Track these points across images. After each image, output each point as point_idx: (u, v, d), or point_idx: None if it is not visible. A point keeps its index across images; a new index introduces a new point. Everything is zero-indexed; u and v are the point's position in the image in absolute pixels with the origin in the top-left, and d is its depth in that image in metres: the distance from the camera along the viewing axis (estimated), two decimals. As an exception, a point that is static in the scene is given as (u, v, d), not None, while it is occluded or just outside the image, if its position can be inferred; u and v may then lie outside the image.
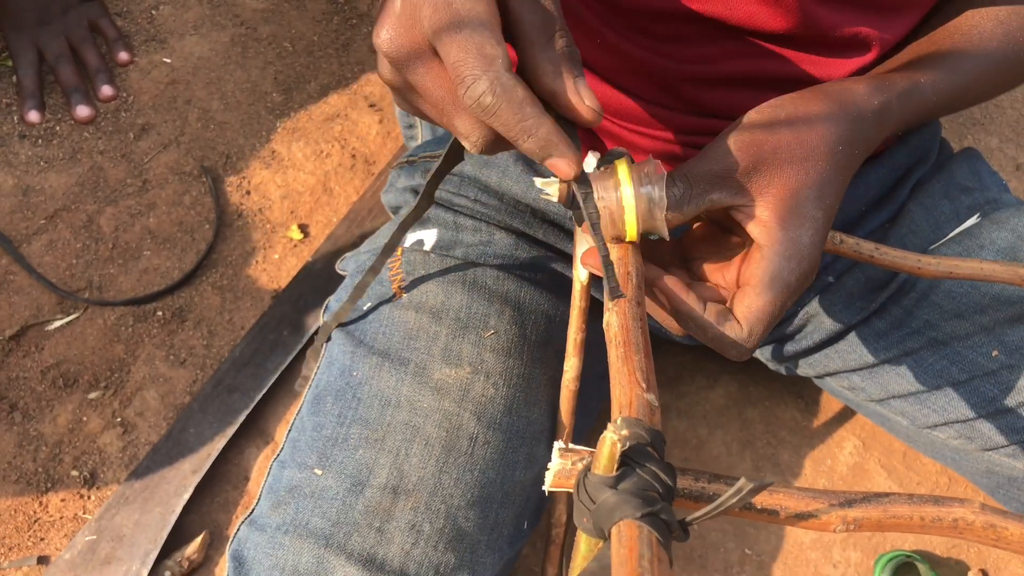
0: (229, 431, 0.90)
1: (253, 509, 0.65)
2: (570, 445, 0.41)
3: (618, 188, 0.48)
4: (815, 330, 0.78)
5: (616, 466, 0.36)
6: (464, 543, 0.62)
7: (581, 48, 0.59)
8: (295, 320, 0.98)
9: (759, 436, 0.97)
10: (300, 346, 0.96)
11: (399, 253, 0.72)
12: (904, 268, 0.62)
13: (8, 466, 0.88)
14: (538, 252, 0.74)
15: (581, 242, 0.58)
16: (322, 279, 1.01)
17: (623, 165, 0.49)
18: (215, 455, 0.89)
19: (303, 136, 1.12)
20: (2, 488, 0.87)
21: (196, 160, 1.08)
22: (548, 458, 0.42)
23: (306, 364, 0.73)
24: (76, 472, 0.88)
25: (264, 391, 0.93)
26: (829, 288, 0.76)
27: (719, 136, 0.52)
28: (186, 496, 0.86)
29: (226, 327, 0.98)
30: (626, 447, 0.35)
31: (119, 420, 0.92)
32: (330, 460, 0.63)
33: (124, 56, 1.12)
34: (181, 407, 0.93)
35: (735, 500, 0.34)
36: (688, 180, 0.50)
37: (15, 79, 1.09)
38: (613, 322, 0.45)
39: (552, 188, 0.52)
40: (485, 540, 0.63)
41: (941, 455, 0.81)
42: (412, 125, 0.88)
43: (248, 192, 1.07)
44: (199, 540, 0.85)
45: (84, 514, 0.86)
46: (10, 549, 0.84)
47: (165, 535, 0.84)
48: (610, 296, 0.47)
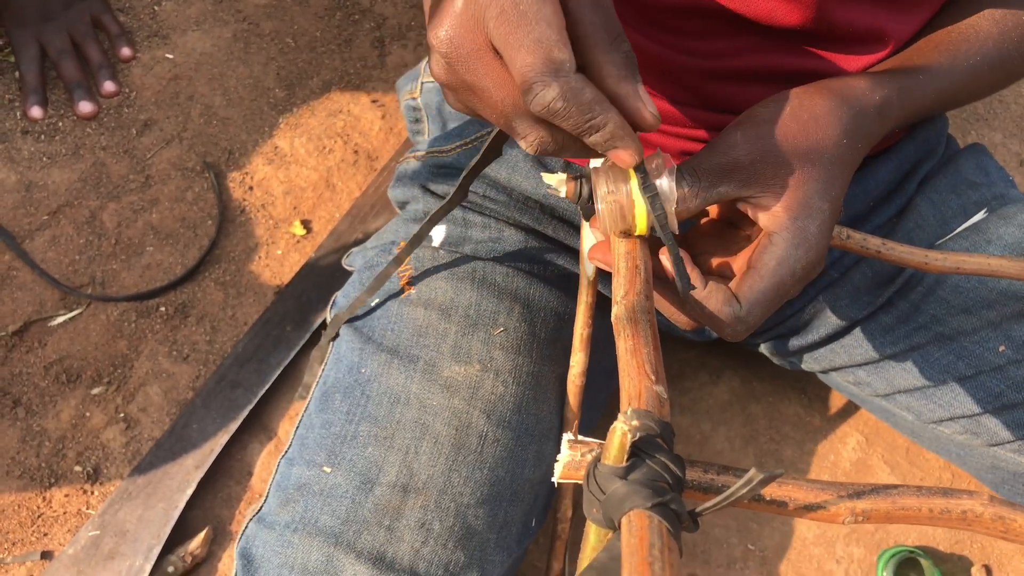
0: (232, 427, 0.90)
1: (261, 506, 0.65)
2: (579, 437, 0.41)
3: (627, 182, 0.48)
4: (821, 324, 0.78)
5: (626, 457, 0.36)
6: (473, 541, 0.62)
7: None
8: (298, 316, 0.98)
9: (762, 432, 0.97)
10: (303, 341, 0.96)
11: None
12: (911, 263, 0.62)
13: (11, 462, 0.87)
14: (547, 248, 0.74)
15: (588, 237, 0.57)
16: (325, 275, 1.01)
17: None
18: (218, 451, 0.89)
19: (305, 132, 1.12)
20: (6, 483, 0.86)
21: (199, 156, 1.08)
22: (556, 456, 0.42)
23: (309, 369, 0.73)
24: (79, 468, 0.88)
25: (267, 387, 0.93)
26: (835, 283, 0.76)
27: (726, 130, 0.52)
28: (189, 491, 0.86)
29: (229, 323, 0.98)
30: (636, 438, 0.35)
31: (122, 416, 0.91)
32: (339, 458, 0.63)
33: (126, 52, 1.12)
34: (184, 403, 0.92)
35: (746, 491, 0.34)
36: (696, 173, 0.50)
37: (18, 75, 1.08)
38: (622, 315, 0.45)
39: (560, 184, 0.52)
40: (494, 538, 0.63)
41: (946, 450, 0.81)
42: (419, 120, 0.88)
43: (251, 188, 1.07)
44: (202, 535, 0.85)
45: (87, 509, 0.86)
46: (14, 544, 0.84)
47: (168, 530, 0.84)
48: (680, 291, 0.47)
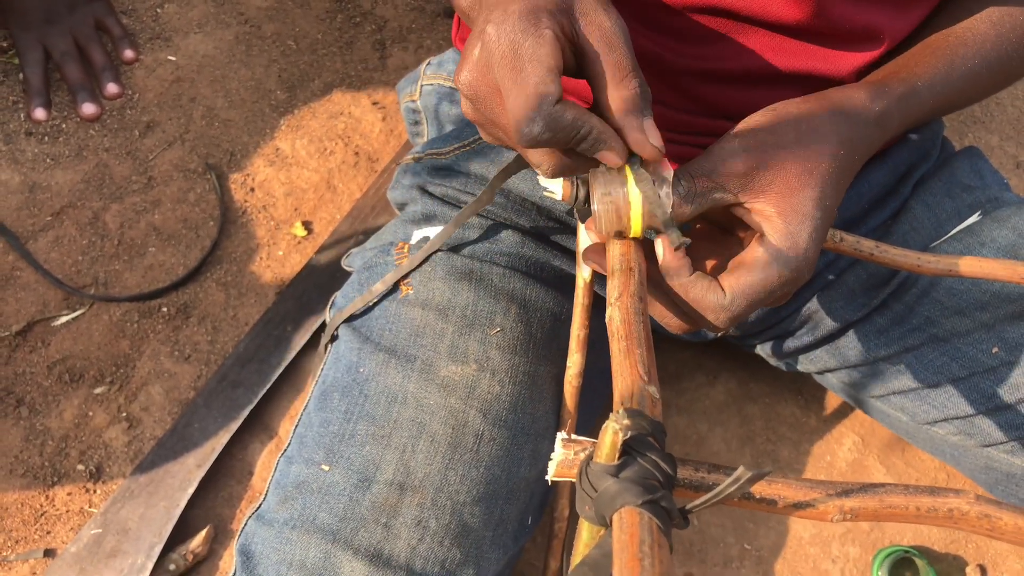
0: (233, 426, 0.91)
1: (260, 504, 0.66)
2: (573, 436, 0.41)
3: (624, 184, 0.48)
4: (816, 326, 0.79)
5: (618, 455, 0.36)
6: (469, 539, 0.62)
7: None
8: (299, 316, 0.98)
9: (759, 432, 0.98)
10: (304, 342, 0.97)
11: (405, 250, 0.72)
12: (904, 266, 0.62)
13: (15, 460, 0.88)
14: (544, 250, 0.74)
15: (584, 239, 0.58)
16: (326, 276, 1.01)
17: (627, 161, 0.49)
18: (219, 450, 0.89)
19: (307, 133, 1.12)
20: (9, 482, 0.87)
21: (201, 157, 1.08)
22: (552, 454, 0.42)
23: (319, 356, 0.74)
24: (82, 466, 0.89)
25: (268, 386, 0.93)
26: (830, 285, 0.77)
27: (723, 137, 0.52)
28: (190, 490, 0.87)
29: (230, 323, 0.99)
30: (627, 436, 0.36)
31: (124, 415, 0.92)
32: (337, 456, 0.63)
33: (130, 54, 1.13)
34: (186, 402, 0.93)
35: (734, 488, 0.34)
36: (692, 179, 0.50)
37: (22, 77, 1.09)
38: (616, 316, 0.46)
39: (556, 186, 0.53)
40: (490, 536, 0.64)
41: (940, 451, 0.82)
42: (418, 122, 0.89)
43: (252, 189, 1.08)
44: (203, 534, 0.85)
45: (90, 508, 0.87)
46: (17, 542, 0.85)
47: (170, 529, 0.84)
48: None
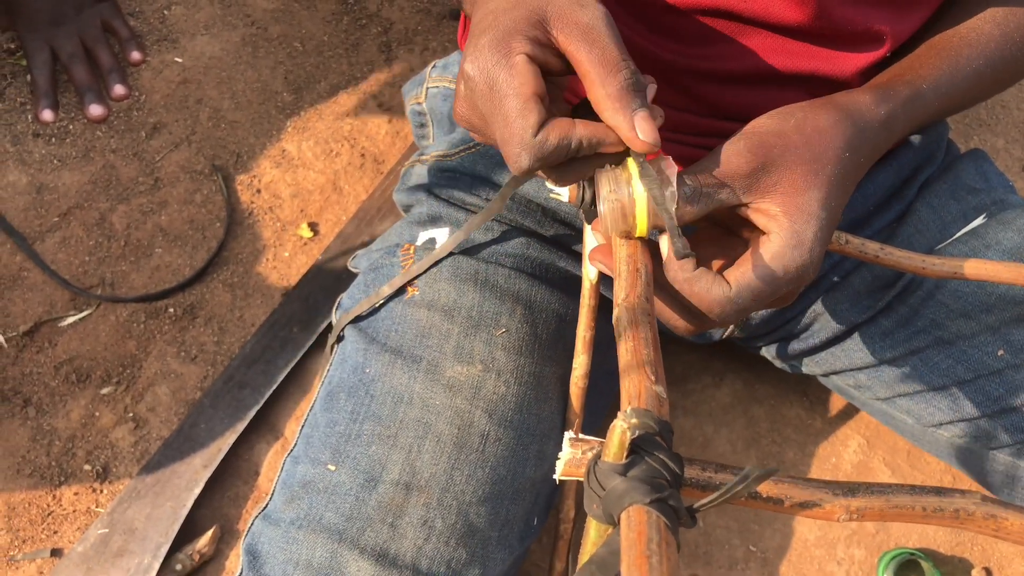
0: (239, 427, 0.91)
1: (267, 504, 0.66)
2: (580, 435, 0.42)
3: (629, 183, 0.48)
4: (822, 328, 0.79)
5: (625, 454, 0.37)
6: (475, 539, 0.63)
7: None
8: (305, 317, 0.99)
9: (764, 434, 0.98)
10: (310, 343, 0.97)
11: (411, 251, 0.72)
12: (909, 268, 0.62)
13: (22, 460, 0.89)
14: (549, 251, 0.75)
15: (590, 241, 0.58)
16: (332, 277, 1.02)
17: (633, 161, 0.49)
18: (225, 450, 0.90)
19: (313, 135, 1.13)
20: (16, 482, 0.88)
21: (207, 159, 1.09)
22: (558, 454, 0.43)
23: (325, 357, 0.75)
24: (89, 466, 0.89)
25: (274, 387, 0.94)
26: (836, 287, 0.77)
27: (729, 140, 0.52)
28: (197, 490, 0.87)
29: (236, 324, 0.99)
30: (635, 435, 0.36)
31: (131, 415, 0.93)
32: (343, 456, 0.64)
33: (136, 56, 1.13)
34: (192, 403, 0.94)
35: (741, 487, 0.34)
36: (698, 180, 0.50)
37: (29, 78, 1.10)
38: (623, 317, 0.46)
39: (562, 188, 0.53)
40: (496, 536, 0.64)
41: (946, 454, 0.82)
42: (424, 124, 0.89)
43: (258, 191, 1.08)
44: (210, 534, 0.86)
45: (96, 507, 0.87)
46: (24, 542, 0.85)
47: (176, 529, 0.85)
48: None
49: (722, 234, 0.56)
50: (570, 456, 0.41)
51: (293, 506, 0.63)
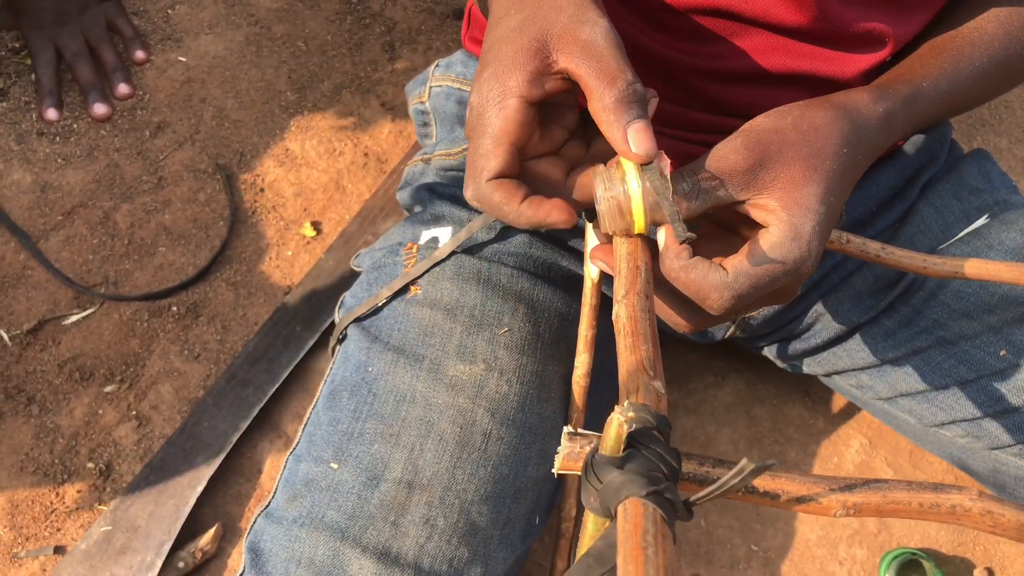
0: (242, 425, 0.91)
1: (269, 502, 0.66)
2: (579, 430, 0.42)
3: (624, 181, 0.49)
4: (824, 328, 0.79)
5: (622, 447, 0.37)
6: (477, 537, 0.63)
7: None
8: (308, 316, 0.99)
9: (766, 434, 0.98)
10: (313, 341, 0.97)
11: (414, 250, 0.73)
12: (910, 268, 0.62)
13: (26, 458, 0.89)
14: (551, 250, 0.75)
15: (592, 240, 0.58)
16: (335, 276, 1.02)
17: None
18: (228, 448, 0.90)
19: (316, 134, 1.13)
20: (20, 479, 0.88)
21: (211, 158, 1.09)
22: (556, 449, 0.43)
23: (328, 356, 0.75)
24: (92, 464, 0.90)
25: (277, 386, 0.94)
26: (837, 287, 0.77)
27: (727, 138, 0.52)
28: (200, 488, 0.87)
29: (240, 323, 0.99)
30: (632, 429, 0.36)
31: (134, 413, 0.93)
32: (346, 454, 0.64)
33: (140, 55, 1.14)
34: (195, 401, 0.94)
35: (738, 480, 0.34)
36: (696, 177, 0.50)
37: (34, 77, 1.10)
38: (622, 314, 0.46)
39: None
40: (498, 535, 0.64)
41: (948, 454, 0.82)
42: (427, 124, 0.89)
43: (262, 190, 1.08)
44: (212, 532, 0.86)
45: (99, 505, 0.88)
46: (27, 539, 0.85)
47: (179, 526, 0.85)
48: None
49: (722, 232, 0.56)
50: (568, 450, 0.41)
51: (295, 504, 0.63)
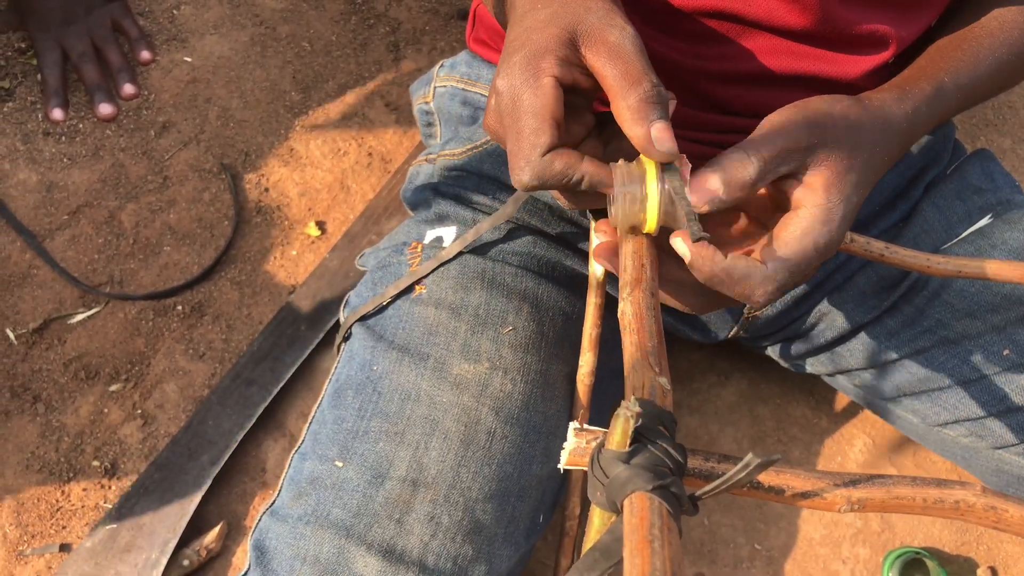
0: (247, 424, 0.92)
1: (274, 500, 0.67)
2: (585, 426, 0.42)
3: (643, 179, 0.49)
4: (827, 328, 0.79)
5: (629, 442, 0.37)
6: (482, 535, 0.63)
7: None
8: (312, 315, 0.99)
9: (770, 433, 0.98)
10: (318, 340, 0.98)
11: (419, 249, 0.73)
12: (914, 267, 0.62)
13: (31, 456, 0.89)
14: (556, 250, 0.75)
15: (596, 238, 0.59)
16: (339, 275, 1.02)
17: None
18: (233, 447, 0.90)
19: (321, 134, 1.13)
20: (26, 478, 0.88)
21: (216, 157, 1.09)
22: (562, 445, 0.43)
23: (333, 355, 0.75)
24: (97, 462, 0.90)
25: (281, 384, 0.94)
26: (841, 287, 0.77)
27: (788, 115, 0.52)
28: (204, 487, 0.88)
29: (244, 322, 0.99)
30: (639, 424, 0.37)
31: (139, 412, 0.93)
32: (351, 452, 0.64)
33: (146, 55, 1.14)
34: (200, 400, 0.94)
35: (743, 475, 0.35)
36: (763, 157, 0.50)
37: (40, 77, 1.11)
38: (628, 311, 0.46)
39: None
40: (502, 533, 0.64)
41: (951, 453, 0.82)
42: (431, 124, 0.89)
43: (266, 189, 1.09)
44: (217, 530, 0.86)
45: (105, 503, 0.88)
46: (33, 537, 0.86)
47: (184, 524, 0.85)
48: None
49: (733, 217, 0.56)
50: (575, 445, 0.41)
51: (300, 502, 0.63)
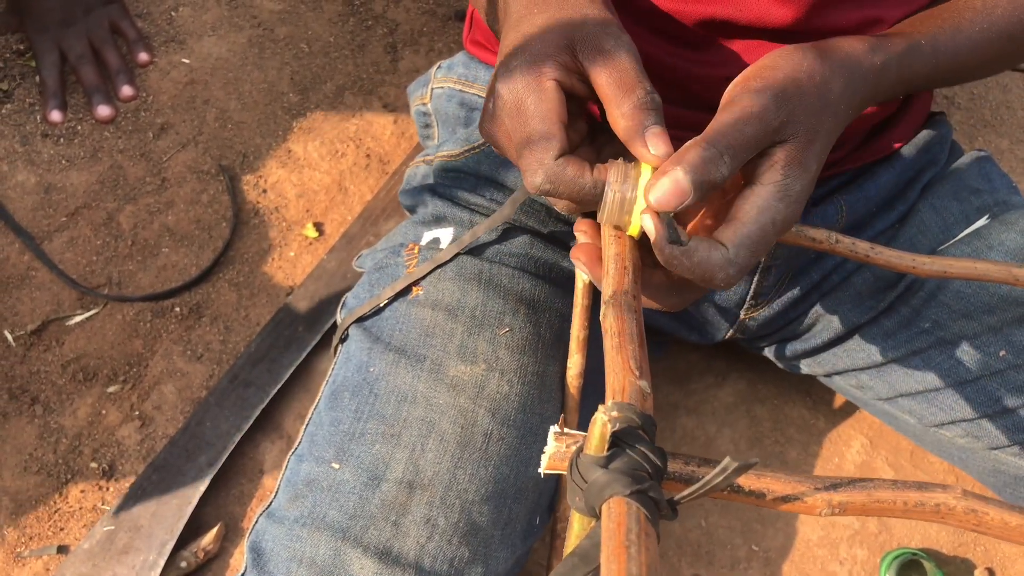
0: (244, 425, 0.92)
1: (271, 502, 0.67)
2: (565, 429, 0.41)
3: (636, 180, 0.49)
4: (824, 329, 0.79)
5: (607, 447, 0.37)
6: (478, 537, 0.63)
7: None
8: (310, 317, 0.99)
9: (767, 434, 0.98)
10: (315, 342, 0.98)
11: (416, 251, 0.73)
12: (899, 267, 0.62)
13: (29, 458, 0.89)
14: (552, 251, 0.75)
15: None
16: (336, 277, 1.02)
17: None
18: (231, 448, 0.90)
19: (319, 136, 1.13)
20: (23, 479, 0.88)
21: (214, 159, 1.09)
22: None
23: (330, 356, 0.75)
24: (95, 464, 0.90)
25: (279, 386, 0.94)
26: (837, 288, 0.77)
27: (754, 92, 0.50)
28: (202, 488, 0.88)
29: (242, 323, 1.00)
30: (616, 428, 0.37)
31: (137, 413, 0.93)
32: (347, 454, 0.64)
33: (144, 57, 1.14)
34: (197, 401, 0.94)
35: (721, 479, 0.35)
36: (735, 154, 0.49)
37: (38, 79, 1.11)
38: (609, 314, 0.46)
39: None
40: (499, 535, 0.64)
41: (948, 454, 0.82)
42: (429, 125, 0.89)
43: (264, 191, 1.09)
44: (214, 531, 0.86)
45: (103, 505, 0.88)
46: (31, 538, 0.86)
47: (181, 526, 0.85)
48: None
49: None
50: (554, 450, 0.41)
51: (297, 504, 0.63)
